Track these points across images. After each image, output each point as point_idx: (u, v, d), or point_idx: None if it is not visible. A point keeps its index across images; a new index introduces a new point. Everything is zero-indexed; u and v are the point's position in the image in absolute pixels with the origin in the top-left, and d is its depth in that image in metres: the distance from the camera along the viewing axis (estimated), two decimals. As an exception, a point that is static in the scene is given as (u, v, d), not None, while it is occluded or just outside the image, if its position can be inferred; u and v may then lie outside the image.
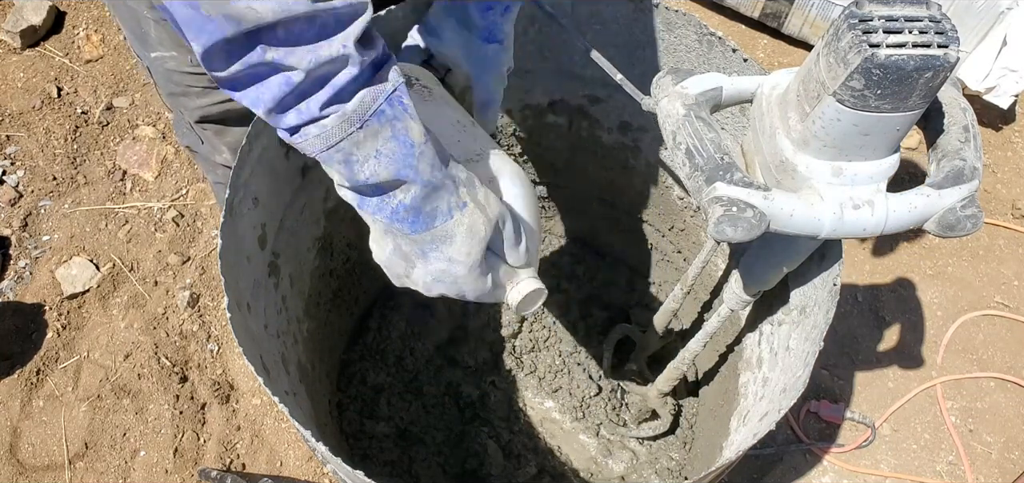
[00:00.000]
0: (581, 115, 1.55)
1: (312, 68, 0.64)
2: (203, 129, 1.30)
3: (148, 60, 1.19)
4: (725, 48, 1.18)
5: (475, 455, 1.70)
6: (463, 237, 0.79)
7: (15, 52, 2.34)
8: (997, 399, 1.90)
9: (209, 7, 0.59)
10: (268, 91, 0.65)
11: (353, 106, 0.68)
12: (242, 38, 0.61)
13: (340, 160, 0.70)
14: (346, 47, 0.65)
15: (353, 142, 0.69)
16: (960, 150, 0.86)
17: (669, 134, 0.89)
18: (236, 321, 0.95)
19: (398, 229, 0.78)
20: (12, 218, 2.04)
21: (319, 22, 0.64)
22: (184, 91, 1.22)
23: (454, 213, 0.78)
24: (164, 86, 1.23)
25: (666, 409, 1.67)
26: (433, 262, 0.81)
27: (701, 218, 1.56)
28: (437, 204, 0.77)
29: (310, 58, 0.64)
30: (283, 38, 0.63)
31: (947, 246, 2.14)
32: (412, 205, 0.76)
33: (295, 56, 0.63)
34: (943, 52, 0.71)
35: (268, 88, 0.65)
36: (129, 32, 1.18)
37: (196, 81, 1.20)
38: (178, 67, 1.17)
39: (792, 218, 0.83)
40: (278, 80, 0.65)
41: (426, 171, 0.74)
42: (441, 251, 0.80)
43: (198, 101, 1.24)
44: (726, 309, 1.19)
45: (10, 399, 1.77)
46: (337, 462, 0.87)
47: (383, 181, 0.73)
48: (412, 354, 1.81)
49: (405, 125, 0.71)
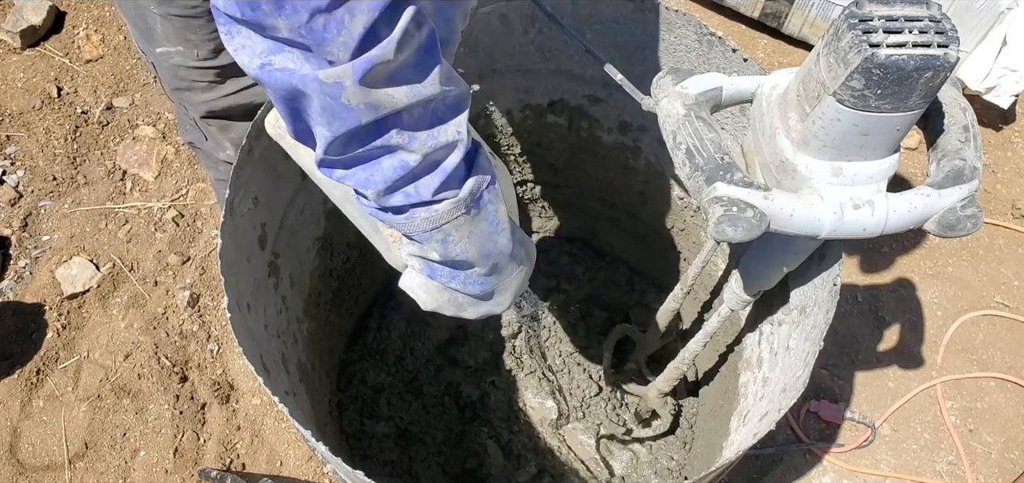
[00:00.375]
0: (581, 115, 1.55)
1: (429, 152, 0.66)
2: (207, 125, 1.30)
3: (153, 56, 1.19)
4: (725, 48, 1.18)
5: (475, 455, 1.70)
6: (513, 288, 0.88)
7: (15, 52, 2.34)
8: (997, 399, 1.90)
9: (351, 97, 0.59)
10: (380, 173, 0.66)
11: (465, 194, 0.71)
12: (373, 126, 0.62)
13: (439, 239, 0.74)
14: (459, 133, 0.68)
15: (455, 225, 0.73)
16: (960, 150, 0.86)
17: (669, 134, 0.89)
18: (236, 321, 0.95)
19: (466, 293, 0.84)
20: (12, 218, 2.04)
21: (432, 107, 0.65)
22: (189, 86, 1.22)
23: (513, 271, 0.86)
24: (169, 81, 1.23)
25: (666, 409, 1.67)
26: (484, 306, 0.88)
27: (701, 218, 1.56)
28: (504, 269, 0.84)
29: (430, 143, 0.66)
30: (406, 123, 0.64)
31: (947, 246, 2.14)
32: (486, 274, 0.82)
33: (417, 141, 0.65)
34: (943, 52, 0.71)
35: (380, 170, 0.66)
36: (134, 28, 1.18)
37: (201, 76, 1.20)
38: (184, 62, 1.18)
39: (792, 218, 0.83)
40: (392, 163, 0.66)
41: (505, 245, 0.81)
42: (496, 299, 0.87)
43: (203, 96, 1.24)
44: (726, 309, 1.19)
45: (10, 399, 1.77)
46: (337, 462, 0.87)
47: (469, 259, 0.78)
48: (412, 354, 1.81)
49: (495, 208, 0.77)
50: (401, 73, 0.61)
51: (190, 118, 1.32)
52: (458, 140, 0.68)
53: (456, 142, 0.68)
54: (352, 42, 0.56)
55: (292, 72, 0.58)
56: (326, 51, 0.57)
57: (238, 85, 1.24)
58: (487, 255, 0.79)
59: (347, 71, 0.57)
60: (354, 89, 0.58)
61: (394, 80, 0.61)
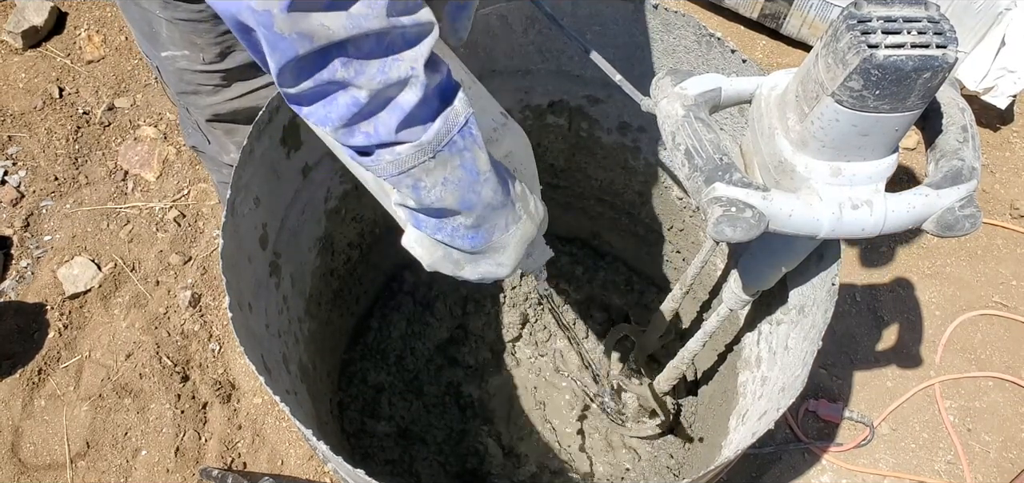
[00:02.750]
0: (581, 115, 1.55)
1: (379, 88, 0.64)
2: (212, 128, 1.31)
3: (158, 60, 1.19)
4: (724, 49, 1.19)
5: (475, 454, 1.70)
6: (515, 246, 0.85)
7: (17, 53, 2.35)
8: (995, 398, 1.90)
9: (282, 25, 0.58)
10: (335, 109, 0.65)
11: (429, 137, 0.69)
12: (314, 55, 0.61)
13: (409, 184, 0.72)
14: (414, 69, 0.65)
15: (424, 170, 0.70)
16: (958, 150, 0.86)
17: (668, 135, 0.89)
18: (237, 321, 0.95)
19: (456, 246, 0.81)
20: (14, 218, 2.04)
21: (388, 40, 0.63)
22: (195, 90, 1.23)
23: (511, 227, 0.83)
24: (174, 85, 1.23)
25: (666, 409, 1.67)
26: (483, 265, 0.85)
27: (700, 218, 1.57)
28: (496, 222, 0.81)
29: (379, 78, 0.64)
30: (353, 55, 0.62)
31: (945, 246, 2.15)
32: (473, 226, 0.79)
33: (364, 75, 0.63)
34: (941, 52, 0.71)
35: (335, 106, 0.65)
36: (138, 32, 1.19)
37: (207, 80, 1.21)
38: (189, 66, 1.18)
39: (791, 218, 0.83)
40: (346, 99, 0.64)
41: (489, 196, 0.77)
42: (493, 258, 0.85)
43: (208, 99, 1.24)
44: (725, 309, 1.20)
45: (12, 398, 1.77)
46: (338, 461, 0.88)
47: (448, 207, 0.75)
48: (412, 354, 1.81)
49: (473, 155, 0.73)
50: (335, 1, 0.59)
51: (193, 121, 1.32)
52: (412, 76, 0.65)
53: (409, 78, 0.65)
54: None
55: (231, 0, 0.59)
56: None
57: (243, 89, 1.25)
58: (469, 205, 0.76)
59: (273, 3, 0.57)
60: (282, 17, 0.57)
61: (330, 6, 0.59)
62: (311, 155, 1.27)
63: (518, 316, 1.89)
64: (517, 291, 1.90)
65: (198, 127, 1.33)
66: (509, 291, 1.91)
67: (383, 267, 1.83)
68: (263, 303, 1.19)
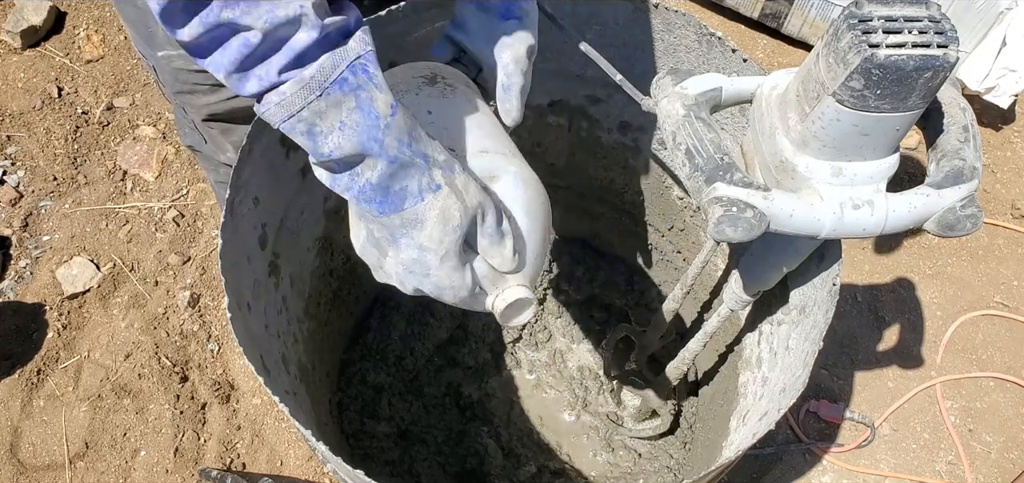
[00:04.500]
0: (581, 115, 1.55)
1: (269, 28, 0.61)
2: (209, 128, 1.30)
3: (154, 59, 1.19)
4: (725, 48, 1.19)
5: (475, 454, 1.70)
6: (434, 222, 0.74)
7: (16, 52, 2.34)
8: (996, 399, 1.90)
9: None
10: (228, 54, 0.62)
11: (311, 72, 0.64)
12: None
13: (303, 131, 0.67)
14: (303, 7, 0.61)
15: (314, 112, 0.65)
16: (960, 150, 0.86)
17: (669, 134, 0.89)
18: (236, 321, 0.95)
19: (367, 210, 0.74)
20: (13, 218, 2.04)
21: None
22: (191, 89, 1.22)
23: (425, 195, 0.73)
24: (171, 84, 1.23)
25: (666, 409, 1.67)
26: (404, 250, 0.77)
27: (701, 218, 1.56)
28: (406, 184, 0.72)
29: (267, 18, 0.61)
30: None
31: (946, 246, 2.14)
32: (379, 184, 0.71)
33: (251, 15, 0.60)
34: (943, 52, 0.71)
35: (228, 51, 0.62)
36: (134, 32, 1.18)
37: (203, 79, 1.20)
38: (186, 65, 1.17)
39: (792, 218, 0.83)
40: (237, 42, 0.62)
41: (393, 146, 0.70)
42: (412, 237, 0.75)
43: (205, 98, 1.24)
44: (726, 309, 1.19)
45: (11, 399, 1.77)
46: (337, 461, 0.88)
47: (348, 155, 0.69)
48: (412, 354, 1.81)
49: (370, 95, 0.67)
50: None
51: (190, 121, 1.32)
52: (302, 14, 0.61)
53: (301, 16, 0.61)
54: None
55: None
56: None
57: None
58: (371, 152, 0.69)
59: None
60: None
61: None
62: (310, 155, 1.27)
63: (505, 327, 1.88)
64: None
65: (195, 127, 1.32)
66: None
67: (383, 267, 1.82)
68: (262, 303, 1.18)
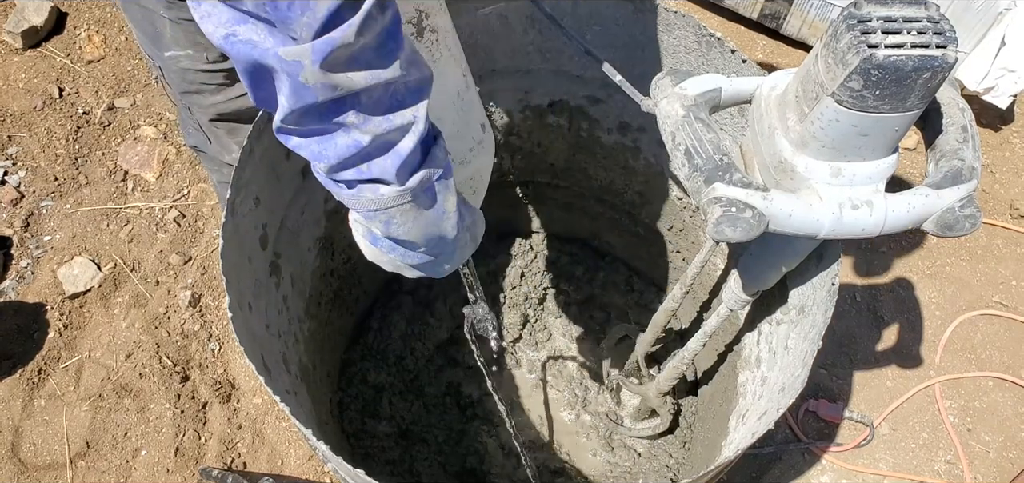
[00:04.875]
0: (581, 115, 1.55)
1: (382, 134, 0.66)
2: (215, 128, 1.30)
3: (161, 60, 1.19)
4: (724, 49, 1.19)
5: (475, 454, 1.70)
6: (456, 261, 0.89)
7: (17, 53, 2.35)
8: (995, 398, 1.90)
9: (310, 77, 0.59)
10: (334, 148, 0.66)
11: (413, 183, 0.71)
12: (331, 103, 0.63)
13: (383, 219, 0.75)
14: (416, 116, 0.68)
15: (400, 210, 0.73)
16: (958, 150, 0.86)
17: (668, 135, 0.89)
18: (237, 321, 0.95)
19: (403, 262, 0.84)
20: (14, 218, 2.04)
21: (392, 90, 0.65)
22: (198, 89, 1.23)
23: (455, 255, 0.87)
24: (177, 85, 1.23)
25: (665, 408, 1.67)
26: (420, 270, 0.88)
27: (701, 218, 1.56)
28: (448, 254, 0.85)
29: (384, 126, 0.66)
30: (364, 104, 0.64)
31: (945, 246, 2.14)
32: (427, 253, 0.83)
33: (372, 123, 0.65)
34: (941, 52, 0.71)
35: (334, 146, 0.66)
36: (140, 33, 1.18)
37: (210, 79, 1.21)
38: (193, 65, 1.18)
39: (791, 218, 0.83)
40: (346, 140, 0.66)
41: (450, 232, 0.81)
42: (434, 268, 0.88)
43: (212, 98, 1.24)
44: (725, 309, 1.19)
45: (12, 398, 1.77)
46: (338, 461, 0.88)
47: (411, 240, 0.79)
48: (412, 354, 1.81)
49: (445, 198, 0.77)
50: (362, 56, 0.61)
51: (194, 121, 1.32)
52: (414, 123, 0.68)
53: (412, 124, 0.68)
54: (315, 23, 0.57)
55: (255, 45, 0.59)
56: (289, 28, 0.58)
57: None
58: (430, 239, 0.80)
59: (307, 51, 0.58)
60: (313, 70, 0.59)
61: (354, 64, 0.61)
62: (311, 155, 1.27)
63: (518, 317, 1.89)
64: (517, 291, 1.90)
65: (199, 127, 1.33)
66: (510, 292, 1.91)
67: (383, 267, 1.83)
68: (263, 303, 1.19)
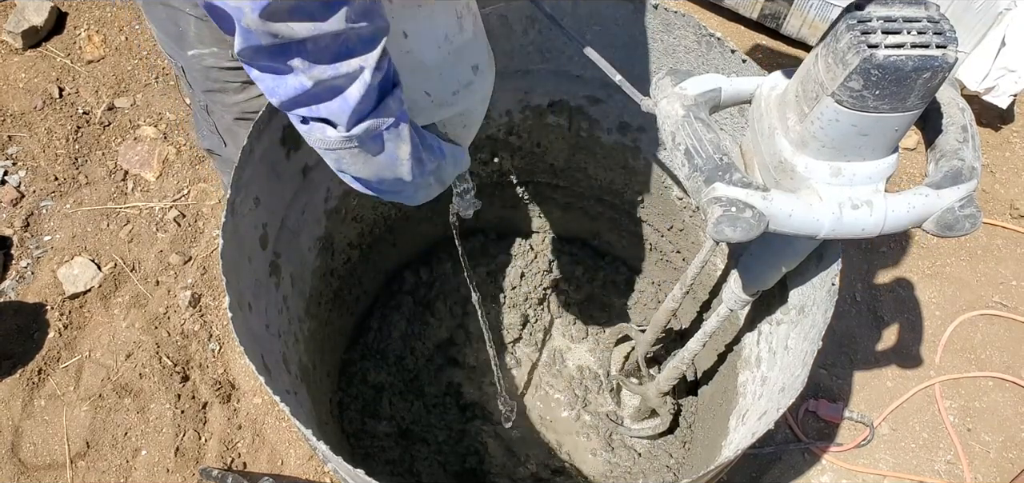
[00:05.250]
0: (581, 115, 1.55)
1: (328, 80, 0.68)
2: (238, 127, 1.31)
3: (184, 59, 1.20)
4: (724, 49, 1.19)
5: (475, 453, 1.70)
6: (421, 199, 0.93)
7: (17, 53, 2.35)
8: (995, 398, 1.90)
9: (250, 23, 0.63)
10: (284, 88, 0.69)
11: (358, 131, 0.73)
12: (275, 49, 0.66)
13: (333, 158, 0.78)
14: (364, 67, 0.69)
15: (348, 152, 0.76)
16: (958, 150, 0.86)
17: (668, 135, 0.89)
18: (237, 321, 0.95)
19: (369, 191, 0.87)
20: (14, 218, 2.04)
21: (342, 39, 0.67)
22: (222, 88, 1.23)
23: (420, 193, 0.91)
24: (201, 84, 1.24)
25: (665, 408, 1.67)
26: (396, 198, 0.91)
27: (700, 218, 1.56)
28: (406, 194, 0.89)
29: (330, 73, 0.68)
30: (310, 51, 0.66)
31: (945, 246, 2.14)
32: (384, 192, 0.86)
33: (318, 69, 0.68)
34: (941, 52, 0.71)
35: (285, 86, 0.69)
36: (162, 33, 1.19)
37: (234, 77, 1.21)
38: (216, 63, 1.19)
39: (791, 218, 0.83)
40: (294, 83, 0.69)
41: (405, 176, 0.83)
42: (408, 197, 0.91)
43: (235, 97, 1.25)
44: (725, 309, 1.20)
45: (12, 398, 1.77)
46: (338, 461, 0.88)
47: (363, 178, 0.81)
48: (412, 354, 1.81)
49: (396, 147, 0.79)
50: (304, 8, 0.63)
51: (211, 124, 1.33)
52: (361, 72, 0.69)
53: (358, 73, 0.69)
54: None
55: None
56: None
57: None
58: (383, 181, 0.83)
59: (246, 2, 0.61)
60: (253, 18, 0.62)
61: (296, 14, 0.63)
62: (311, 155, 1.27)
63: (518, 317, 1.89)
64: (517, 291, 1.90)
65: (215, 129, 1.33)
66: (509, 292, 1.91)
67: (383, 267, 1.83)
68: (263, 303, 1.19)
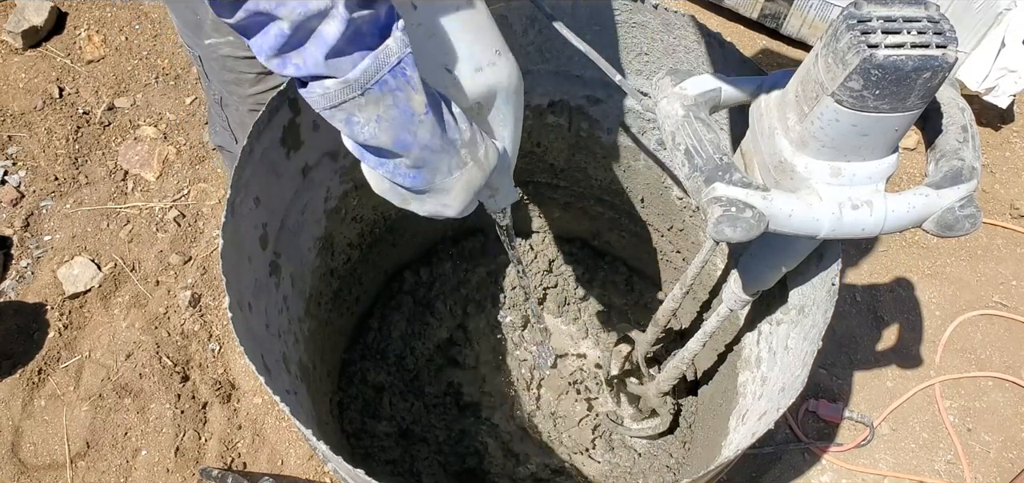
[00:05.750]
0: (581, 115, 1.55)
1: (299, 20, 0.64)
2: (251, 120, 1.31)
3: (201, 48, 1.19)
4: (724, 49, 1.19)
5: (475, 453, 1.70)
6: (460, 190, 0.84)
7: (17, 53, 2.35)
8: (995, 398, 1.90)
9: None
10: (267, 40, 0.66)
11: (356, 74, 0.69)
12: None
13: (342, 119, 0.72)
14: (335, 3, 0.65)
15: (355, 105, 0.71)
16: (958, 150, 0.86)
17: (668, 135, 0.89)
18: (237, 321, 0.95)
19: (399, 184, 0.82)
20: (14, 218, 2.04)
21: None
22: (237, 78, 1.23)
23: (454, 172, 0.82)
24: (218, 74, 1.23)
25: (666, 408, 1.67)
26: (428, 204, 0.86)
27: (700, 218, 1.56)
28: (437, 166, 0.80)
29: (299, 10, 0.64)
30: None
31: (945, 246, 2.15)
32: (412, 166, 0.79)
33: (285, 7, 0.63)
34: (941, 52, 0.71)
35: (267, 37, 0.66)
36: (180, 21, 1.19)
37: (249, 67, 1.21)
38: (233, 52, 1.18)
39: (791, 218, 0.83)
40: (274, 30, 0.65)
41: (426, 138, 0.76)
42: (438, 199, 0.85)
43: (252, 88, 1.24)
44: (725, 309, 1.19)
45: (12, 398, 1.77)
46: (338, 461, 0.88)
47: (383, 145, 0.75)
48: (412, 354, 1.81)
49: (407, 96, 0.72)
50: None
51: (224, 119, 1.32)
52: (331, 7, 0.64)
53: (328, 9, 0.64)
54: None
55: None
56: None
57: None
58: (404, 145, 0.75)
59: None
60: None
61: None
62: (311, 155, 1.27)
63: (518, 317, 1.89)
64: (517, 291, 1.90)
65: (227, 126, 1.33)
66: (510, 292, 1.91)
67: (383, 267, 1.83)
68: (263, 303, 1.19)
